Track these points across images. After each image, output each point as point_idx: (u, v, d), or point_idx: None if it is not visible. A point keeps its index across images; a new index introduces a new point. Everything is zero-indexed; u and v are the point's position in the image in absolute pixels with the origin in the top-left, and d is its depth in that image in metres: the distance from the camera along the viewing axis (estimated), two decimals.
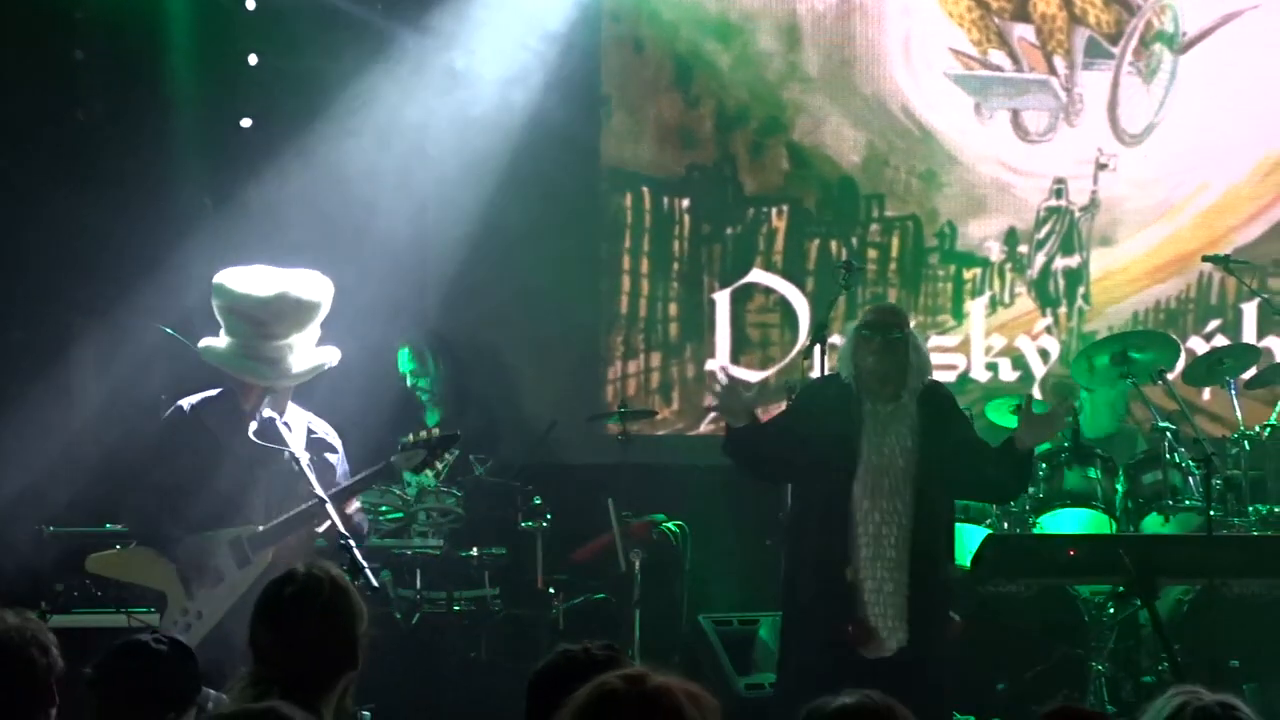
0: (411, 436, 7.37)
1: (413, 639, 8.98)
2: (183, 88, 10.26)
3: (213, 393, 7.34)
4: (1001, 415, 9.80)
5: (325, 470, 7.28)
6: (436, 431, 7.40)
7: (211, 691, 5.04)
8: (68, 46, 10.26)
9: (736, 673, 8.95)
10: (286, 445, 7.07)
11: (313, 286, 7.26)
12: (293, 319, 7.21)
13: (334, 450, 7.44)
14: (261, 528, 7.07)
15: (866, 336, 7.42)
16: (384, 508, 9.20)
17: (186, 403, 7.33)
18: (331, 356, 7.35)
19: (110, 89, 10.27)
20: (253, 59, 10.46)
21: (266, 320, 7.17)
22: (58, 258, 9.94)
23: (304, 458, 7.07)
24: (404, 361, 10.01)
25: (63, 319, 9.96)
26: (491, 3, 10.55)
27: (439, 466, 7.49)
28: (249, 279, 7.25)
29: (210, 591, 6.98)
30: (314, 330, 7.29)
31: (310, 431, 7.37)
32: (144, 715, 4.58)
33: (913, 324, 10.64)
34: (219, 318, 7.28)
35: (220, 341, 7.26)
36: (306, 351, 7.26)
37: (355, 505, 7.37)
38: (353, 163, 10.20)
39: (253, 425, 7.18)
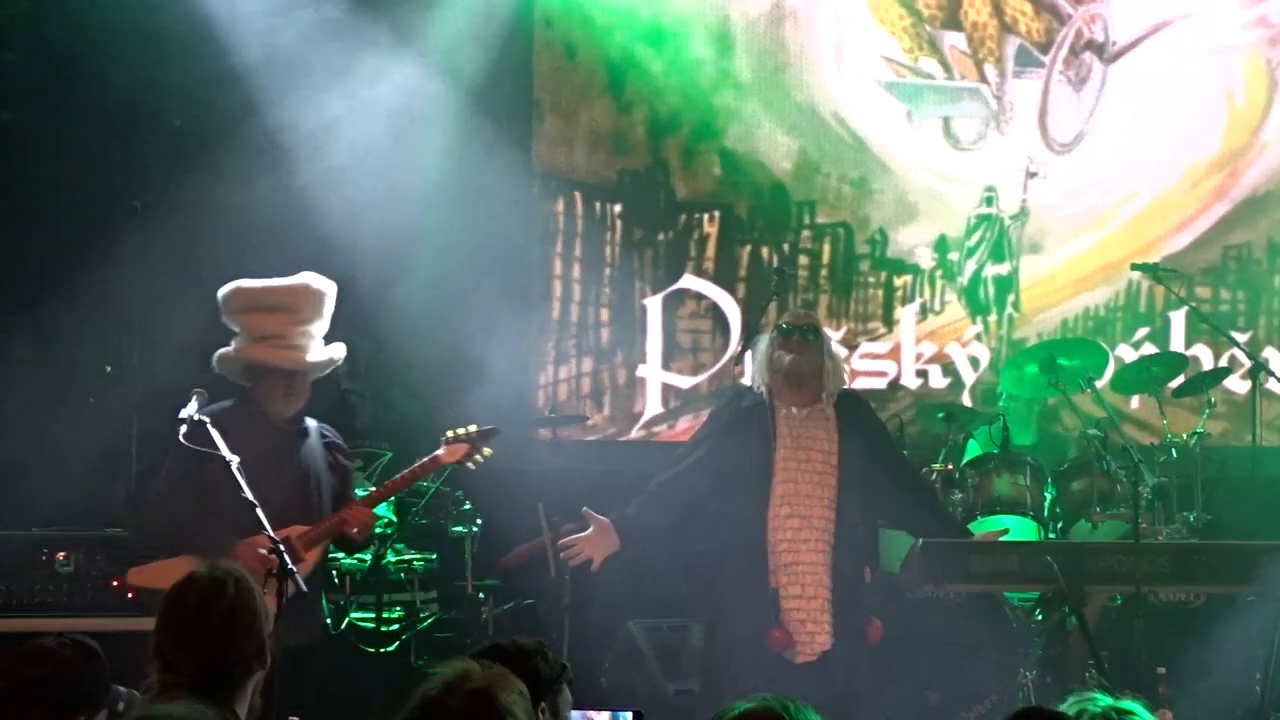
0: (451, 433, 7.56)
1: (341, 645, 8.97)
2: (113, 89, 10.26)
3: (226, 404, 7.37)
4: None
5: (345, 473, 7.49)
6: (475, 428, 7.59)
7: (122, 689, 5.01)
8: None
9: (666, 678, 8.97)
10: (310, 456, 7.30)
11: (322, 279, 7.48)
12: (314, 305, 7.41)
13: (347, 454, 7.63)
14: (308, 528, 7.15)
15: (784, 339, 7.53)
16: None
17: (204, 414, 7.26)
18: (340, 351, 7.51)
19: (38, 91, 10.26)
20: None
21: (294, 305, 7.36)
22: None
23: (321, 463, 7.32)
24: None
25: None
26: (425, 6, 10.58)
27: (479, 460, 7.55)
28: (258, 281, 7.45)
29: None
30: (327, 322, 7.45)
31: (324, 436, 7.50)
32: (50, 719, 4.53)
33: (843, 331, 10.87)
34: (234, 323, 7.41)
35: (240, 345, 7.38)
36: (321, 343, 7.43)
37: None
38: (282, 166, 10.20)
39: (295, 428, 7.39)
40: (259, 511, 6.82)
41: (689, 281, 11.20)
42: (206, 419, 7.26)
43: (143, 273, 9.96)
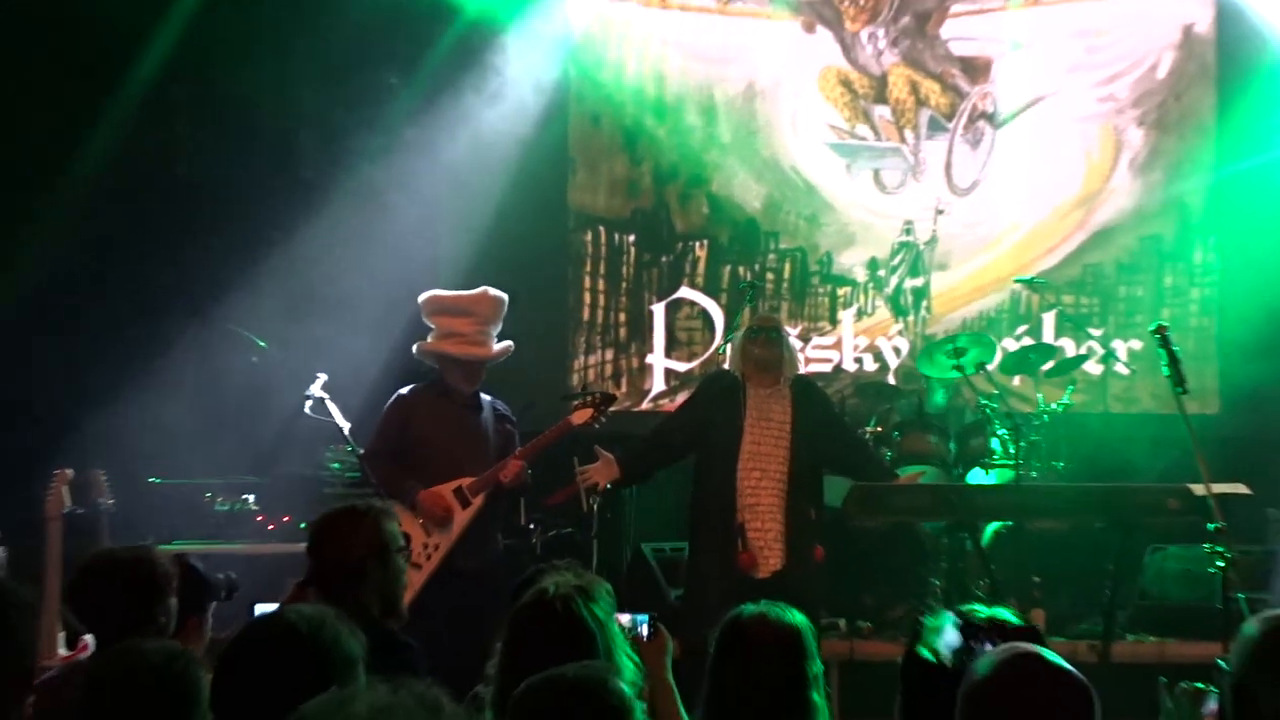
0: (577, 401, 7.58)
1: None
2: (258, 147, 10.36)
3: (423, 384, 7.46)
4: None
5: (509, 437, 7.50)
6: (597, 395, 7.63)
7: (221, 575, 5.00)
8: (171, 124, 10.37)
9: (669, 586, 9.04)
10: (483, 424, 7.33)
11: (498, 291, 7.51)
12: (492, 309, 7.44)
13: (513, 422, 7.59)
14: (475, 478, 7.19)
15: (754, 336, 7.59)
16: None
17: (406, 390, 7.43)
18: (509, 346, 7.52)
19: (205, 153, 10.37)
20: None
21: (476, 310, 7.38)
22: (169, 278, 10.04)
23: (492, 430, 7.36)
24: None
25: (171, 321, 10.03)
26: (492, 85, 10.67)
27: (602, 420, 7.58)
28: (450, 292, 7.50)
29: (443, 529, 7.06)
30: (500, 323, 7.46)
31: (495, 409, 7.51)
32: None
33: (799, 328, 10.92)
34: (430, 322, 7.43)
35: (434, 338, 7.39)
36: (495, 339, 7.44)
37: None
38: (380, 206, 10.31)
39: (473, 404, 7.38)
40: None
41: (685, 292, 11.25)
42: (326, 396, 7.36)
43: (279, 284, 10.05)
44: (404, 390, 7.45)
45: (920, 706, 3.12)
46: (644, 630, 4.34)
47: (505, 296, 7.50)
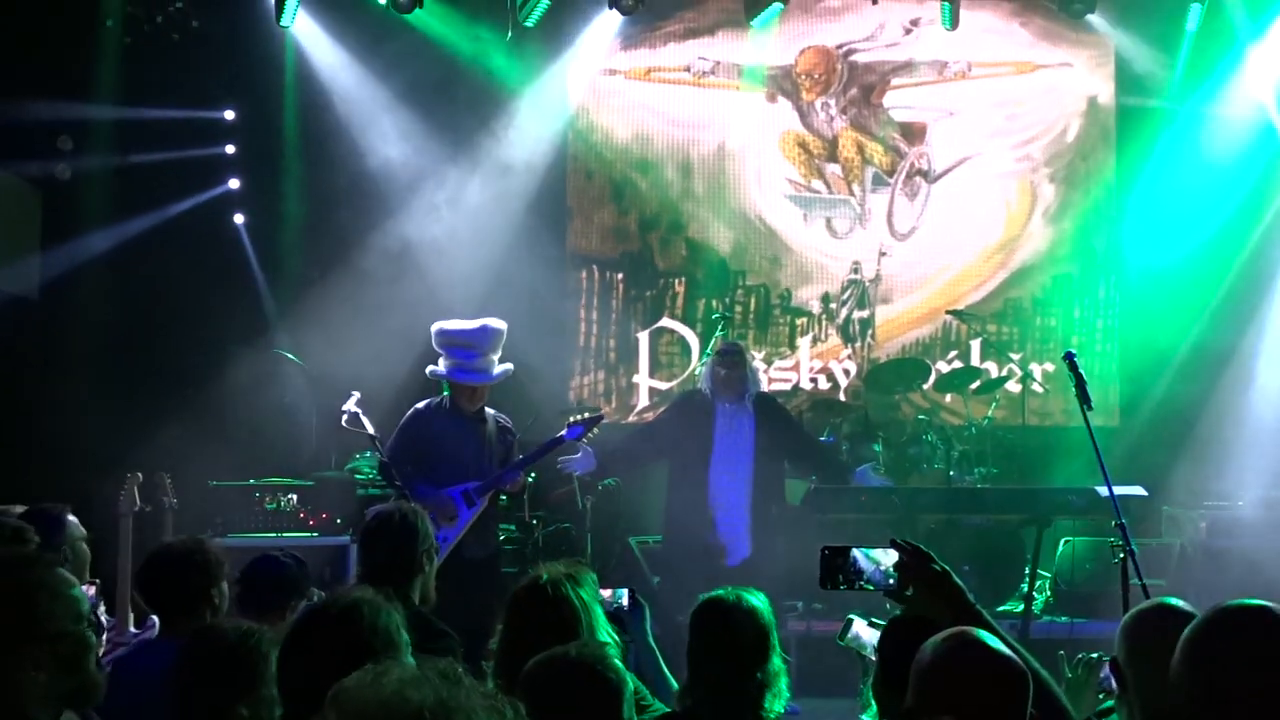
0: (573, 418, 7.60)
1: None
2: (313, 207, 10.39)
3: (436, 399, 7.39)
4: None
5: (510, 445, 7.41)
6: (586, 414, 7.68)
7: (315, 589, 5.01)
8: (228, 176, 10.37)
9: (651, 573, 9.05)
10: (487, 435, 7.25)
11: (498, 323, 7.39)
12: (491, 341, 7.31)
13: (513, 433, 7.50)
14: (480, 482, 7.14)
15: (719, 360, 7.66)
16: None
17: (421, 405, 7.37)
18: (508, 367, 7.42)
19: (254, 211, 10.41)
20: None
21: (478, 342, 7.26)
22: (223, 311, 10.05)
23: (495, 440, 7.27)
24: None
25: (225, 346, 10.03)
26: (504, 149, 10.71)
27: (592, 434, 7.55)
28: (457, 323, 7.38)
29: (450, 525, 7.04)
30: (499, 351, 7.35)
31: (498, 422, 7.44)
32: (271, 602, 4.56)
33: (763, 353, 10.92)
34: (440, 350, 7.34)
35: (443, 365, 7.31)
36: (495, 365, 7.34)
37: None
38: (407, 253, 10.32)
39: (478, 418, 7.29)
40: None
41: (665, 322, 11.23)
42: (359, 411, 7.32)
43: (316, 319, 10.08)
44: (419, 405, 7.41)
45: (895, 670, 3.13)
46: (625, 602, 4.39)
47: (504, 326, 7.43)
